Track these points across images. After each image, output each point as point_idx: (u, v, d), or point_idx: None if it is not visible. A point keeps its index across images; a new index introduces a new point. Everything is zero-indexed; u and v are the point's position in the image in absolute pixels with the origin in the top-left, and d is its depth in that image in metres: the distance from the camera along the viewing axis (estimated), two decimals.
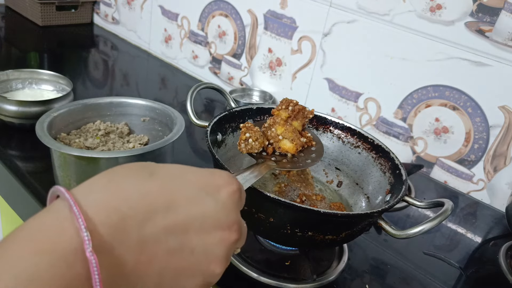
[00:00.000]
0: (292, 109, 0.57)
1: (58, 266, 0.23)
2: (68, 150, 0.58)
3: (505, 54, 0.76)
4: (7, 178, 0.71)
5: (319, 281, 0.57)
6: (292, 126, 0.57)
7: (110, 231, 0.25)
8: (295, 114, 0.58)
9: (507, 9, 0.75)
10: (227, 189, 0.31)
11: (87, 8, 1.51)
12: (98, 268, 0.24)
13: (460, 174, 0.88)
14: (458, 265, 0.67)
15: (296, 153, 0.56)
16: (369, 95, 0.94)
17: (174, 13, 1.29)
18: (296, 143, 0.56)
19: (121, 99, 0.76)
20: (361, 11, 0.91)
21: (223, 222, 0.30)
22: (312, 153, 0.57)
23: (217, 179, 0.32)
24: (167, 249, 0.28)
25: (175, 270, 0.28)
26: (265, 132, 0.56)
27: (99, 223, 0.25)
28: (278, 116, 0.57)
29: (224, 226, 0.30)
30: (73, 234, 0.24)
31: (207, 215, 0.30)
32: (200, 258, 0.29)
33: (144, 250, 0.27)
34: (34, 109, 0.76)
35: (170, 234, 0.28)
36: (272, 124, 0.56)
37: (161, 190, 0.28)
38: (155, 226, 0.27)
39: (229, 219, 0.31)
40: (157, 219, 0.27)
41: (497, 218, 0.82)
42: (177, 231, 0.28)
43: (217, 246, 0.30)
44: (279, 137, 0.55)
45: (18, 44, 1.32)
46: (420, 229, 0.47)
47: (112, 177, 0.28)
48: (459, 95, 0.83)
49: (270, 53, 1.09)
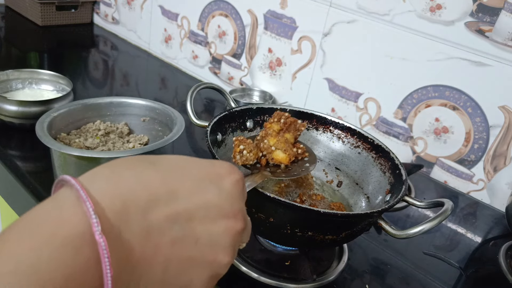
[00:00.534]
0: (284, 122, 0.57)
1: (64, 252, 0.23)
2: (68, 150, 0.58)
3: (505, 54, 0.76)
4: (7, 178, 0.71)
5: (319, 281, 0.57)
6: (284, 137, 0.57)
7: (116, 216, 0.25)
8: (287, 126, 0.58)
9: (507, 9, 0.75)
10: (231, 178, 0.31)
11: (87, 8, 1.51)
12: (108, 250, 0.23)
13: (460, 174, 0.88)
14: (458, 265, 0.67)
15: (289, 164, 0.56)
16: (369, 95, 0.94)
17: (174, 13, 1.29)
18: (289, 153, 0.56)
19: (121, 99, 0.76)
20: (361, 11, 0.91)
21: (228, 210, 0.30)
22: (305, 162, 0.58)
23: (219, 169, 0.31)
24: (171, 238, 0.27)
25: (180, 261, 0.28)
26: (258, 145, 0.57)
27: (105, 207, 0.25)
28: (270, 128, 0.58)
29: (229, 215, 0.30)
30: (81, 218, 0.24)
31: (211, 203, 0.29)
32: (205, 248, 0.28)
33: (149, 238, 0.26)
34: (34, 109, 0.76)
35: (174, 223, 0.27)
36: (264, 136, 0.57)
37: (162, 180, 0.28)
38: (158, 215, 0.27)
39: (234, 207, 0.30)
40: (160, 208, 0.27)
41: (497, 218, 0.82)
42: (180, 220, 0.27)
43: (222, 235, 0.29)
44: (271, 148, 0.55)
45: (18, 44, 1.32)
46: (420, 229, 0.48)
47: (114, 168, 0.28)
48: (459, 95, 0.83)
49: (270, 53, 1.09)
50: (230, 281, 0.56)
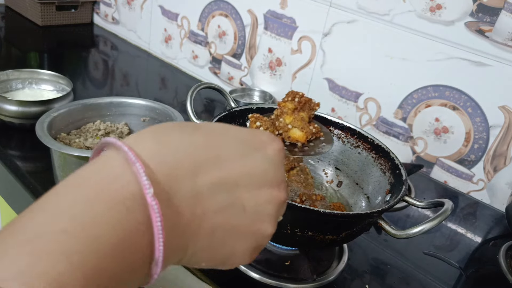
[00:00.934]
0: (299, 101, 0.57)
1: (117, 210, 0.22)
2: (68, 150, 0.58)
3: (505, 54, 0.76)
4: (7, 178, 0.71)
5: (319, 281, 0.57)
6: (300, 115, 0.56)
7: (166, 179, 0.24)
8: (302, 105, 0.57)
9: (507, 9, 0.75)
10: (273, 146, 0.30)
11: (87, 8, 1.51)
12: (160, 214, 0.22)
13: (460, 174, 0.88)
14: (458, 265, 0.67)
15: (306, 142, 0.55)
16: (369, 95, 0.94)
17: (174, 13, 1.29)
18: (306, 131, 0.55)
19: (121, 99, 0.76)
20: (361, 11, 0.91)
21: (272, 179, 0.29)
22: (321, 142, 0.57)
23: (261, 136, 0.30)
24: (219, 204, 0.26)
25: (226, 228, 0.27)
26: (273, 123, 0.56)
27: (154, 170, 0.23)
28: (285, 106, 0.56)
29: (274, 184, 0.29)
30: (131, 179, 0.23)
31: (257, 170, 0.28)
32: (252, 216, 0.27)
33: (197, 203, 0.25)
34: (34, 109, 0.76)
35: (221, 188, 0.26)
36: (280, 114, 0.56)
37: (207, 144, 0.27)
38: (206, 179, 0.25)
39: (278, 176, 0.29)
40: (207, 172, 0.26)
41: (497, 218, 0.82)
42: (227, 186, 0.26)
43: (268, 204, 0.28)
44: (288, 126, 0.55)
45: (18, 44, 1.32)
46: (420, 229, 0.48)
47: (157, 129, 0.27)
48: (459, 95, 0.83)
49: (270, 53, 1.09)
50: (230, 281, 0.56)
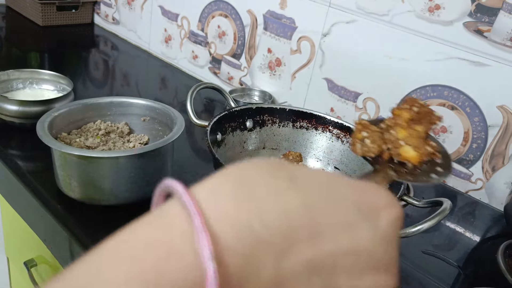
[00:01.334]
0: (417, 111, 0.47)
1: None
2: (68, 150, 0.58)
3: (504, 54, 0.77)
4: (8, 178, 0.71)
5: None
6: (417, 131, 0.46)
7: (240, 261, 0.18)
8: (420, 117, 0.47)
9: (506, 9, 0.75)
10: (389, 213, 0.23)
11: (88, 8, 1.51)
12: None
13: (459, 174, 0.88)
14: (456, 264, 0.67)
15: (418, 164, 0.46)
16: (368, 95, 0.95)
17: (174, 13, 1.29)
18: (421, 153, 0.45)
19: (121, 99, 0.76)
20: (360, 11, 0.91)
21: (379, 260, 0.22)
22: (437, 165, 0.47)
23: (376, 197, 0.23)
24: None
25: None
26: (382, 134, 0.47)
27: (227, 248, 0.18)
28: (400, 116, 0.47)
29: (381, 267, 0.22)
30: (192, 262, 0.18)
31: (362, 248, 0.21)
32: None
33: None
34: (35, 109, 0.77)
35: (314, 271, 0.20)
36: (392, 125, 0.46)
37: (305, 207, 0.20)
38: (297, 259, 0.20)
39: (387, 256, 0.22)
40: (300, 249, 0.20)
41: (496, 217, 0.83)
42: (322, 269, 0.20)
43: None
44: (399, 142, 0.46)
45: (19, 44, 1.32)
46: (419, 228, 0.48)
47: (240, 180, 0.20)
48: (458, 95, 0.83)
49: (270, 53, 1.09)
50: None
